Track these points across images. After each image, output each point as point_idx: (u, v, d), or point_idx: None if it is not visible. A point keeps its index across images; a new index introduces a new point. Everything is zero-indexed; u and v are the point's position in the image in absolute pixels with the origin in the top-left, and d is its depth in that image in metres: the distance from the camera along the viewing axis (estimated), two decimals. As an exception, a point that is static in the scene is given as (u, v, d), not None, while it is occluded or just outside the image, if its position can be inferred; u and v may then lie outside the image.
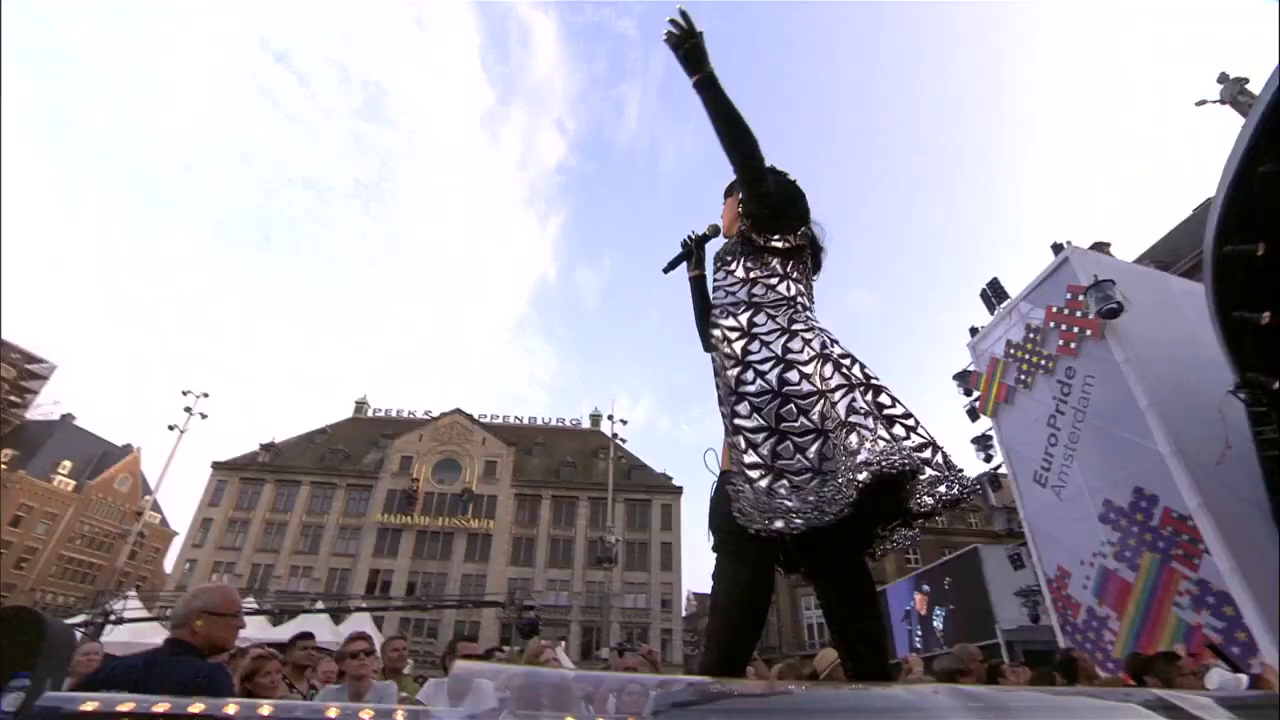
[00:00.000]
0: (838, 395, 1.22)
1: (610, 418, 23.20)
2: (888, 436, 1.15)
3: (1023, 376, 10.93)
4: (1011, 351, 11.10)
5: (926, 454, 1.17)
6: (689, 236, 1.74)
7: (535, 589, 31.79)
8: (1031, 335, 10.81)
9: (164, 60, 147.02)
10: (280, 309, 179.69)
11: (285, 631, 9.60)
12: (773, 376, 1.28)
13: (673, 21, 1.34)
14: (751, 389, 1.27)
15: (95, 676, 1.50)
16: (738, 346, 1.38)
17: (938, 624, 15.95)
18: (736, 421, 1.28)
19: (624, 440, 23.64)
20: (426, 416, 39.56)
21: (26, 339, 48.06)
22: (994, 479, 11.82)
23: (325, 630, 10.32)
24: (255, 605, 12.93)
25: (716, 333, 1.45)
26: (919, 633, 16.83)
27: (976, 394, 11.63)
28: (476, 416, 39.33)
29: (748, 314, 1.43)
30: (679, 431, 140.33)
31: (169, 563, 42.63)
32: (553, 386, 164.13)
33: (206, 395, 21.53)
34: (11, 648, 0.78)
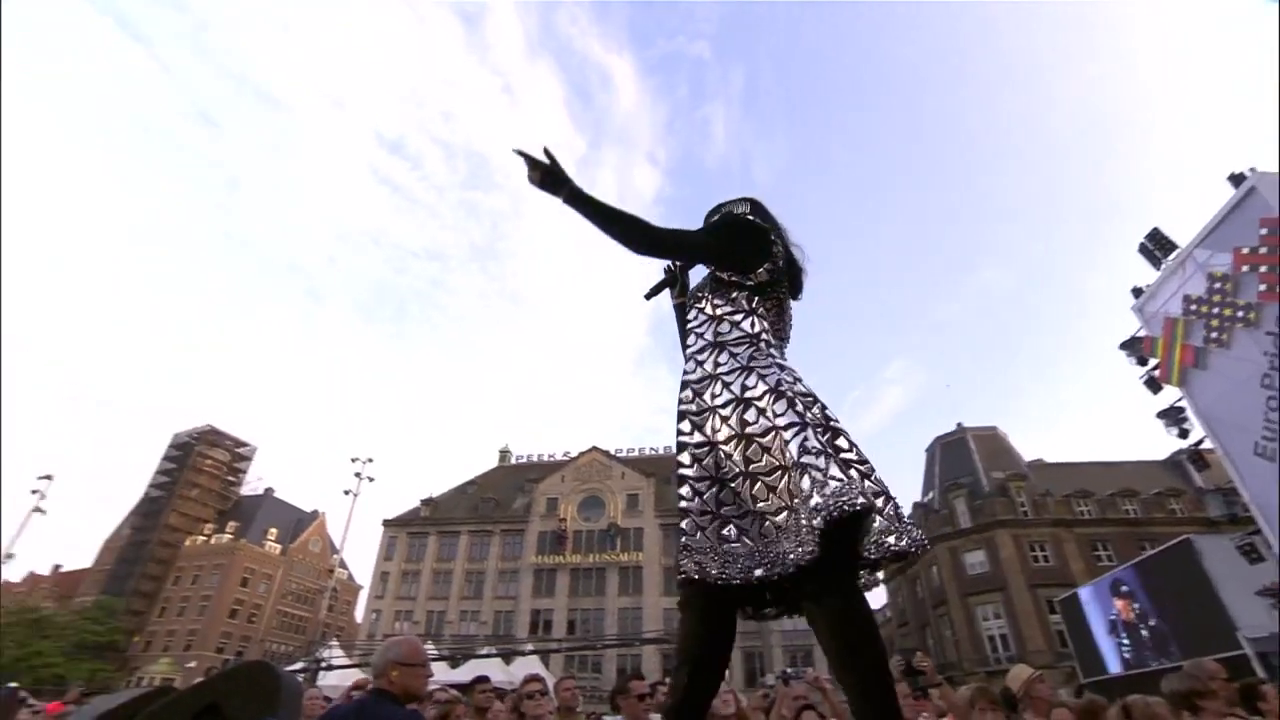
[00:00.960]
0: (789, 434, 1.22)
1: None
2: (841, 477, 1.15)
3: (1215, 334, 10.43)
4: (1193, 308, 10.65)
5: (879, 502, 1.17)
6: (672, 264, 1.77)
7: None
8: (1217, 285, 10.33)
9: (304, 169, 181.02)
10: (423, 371, 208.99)
11: (460, 674, 11.04)
12: (733, 419, 1.31)
13: (525, 157, 1.39)
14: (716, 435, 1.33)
15: None
16: (706, 396, 1.40)
17: (1145, 633, 14.54)
18: (681, 472, 1.35)
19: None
20: (566, 457, 43.66)
21: (233, 427, 60.98)
22: (1196, 456, 11.06)
23: (497, 671, 11.63)
24: (434, 650, 14.31)
25: (686, 394, 1.46)
26: (1127, 643, 15.35)
27: (1154, 361, 11.19)
28: (613, 452, 42.71)
29: (712, 356, 1.46)
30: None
31: (359, 613, 50.84)
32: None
33: (371, 460, 25.51)
34: (256, 695, 0.98)
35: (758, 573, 1.17)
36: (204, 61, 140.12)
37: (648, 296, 1.76)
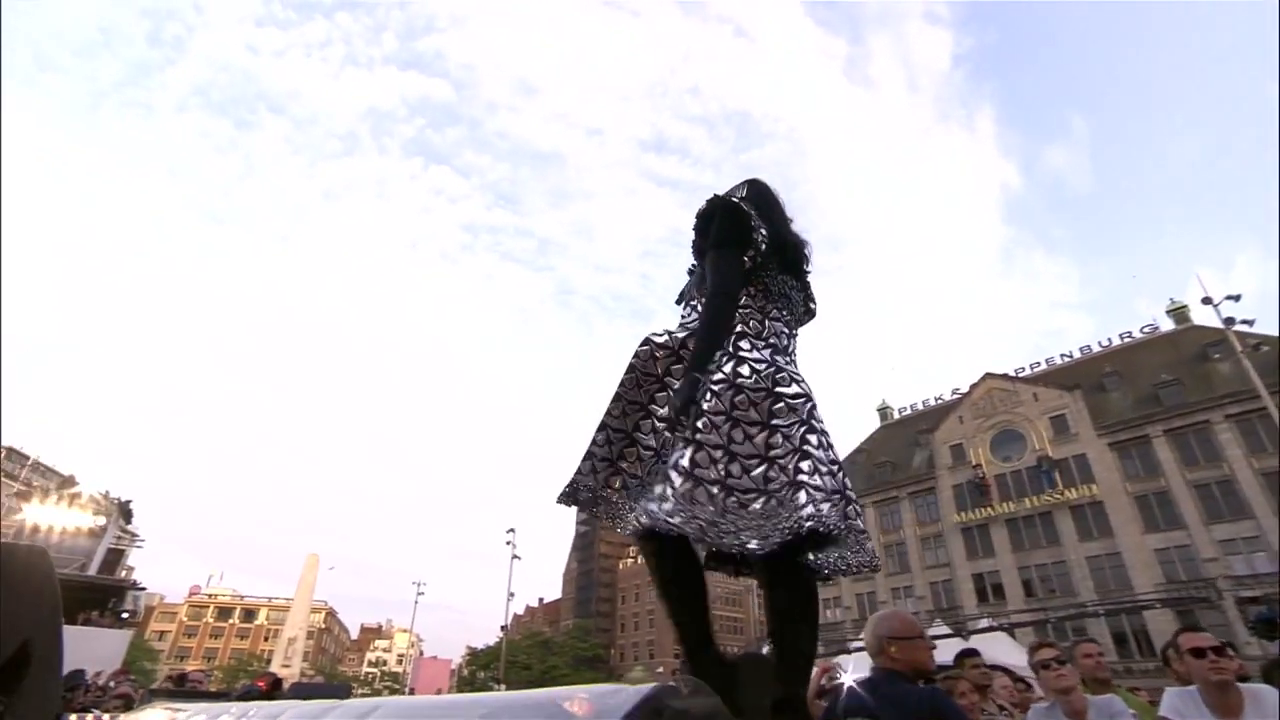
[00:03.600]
0: (764, 433, 1.62)
1: (1207, 301, 19.90)
2: (805, 498, 1.51)
3: None
4: None
5: (832, 514, 1.50)
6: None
7: (1204, 556, 31.38)
8: None
9: (592, 207, 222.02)
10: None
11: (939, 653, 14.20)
12: (726, 399, 1.66)
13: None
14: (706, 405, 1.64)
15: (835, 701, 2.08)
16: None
17: None
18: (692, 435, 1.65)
19: (1247, 321, 19.33)
20: (956, 396, 45.47)
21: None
22: None
23: (953, 646, 12.20)
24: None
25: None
26: None
27: None
28: (1013, 373, 42.89)
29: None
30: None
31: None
32: (1089, 301, 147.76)
33: None
34: (758, 684, 1.37)
35: (728, 540, 1.52)
36: (496, 158, 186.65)
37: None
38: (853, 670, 2.56)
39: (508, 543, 37.14)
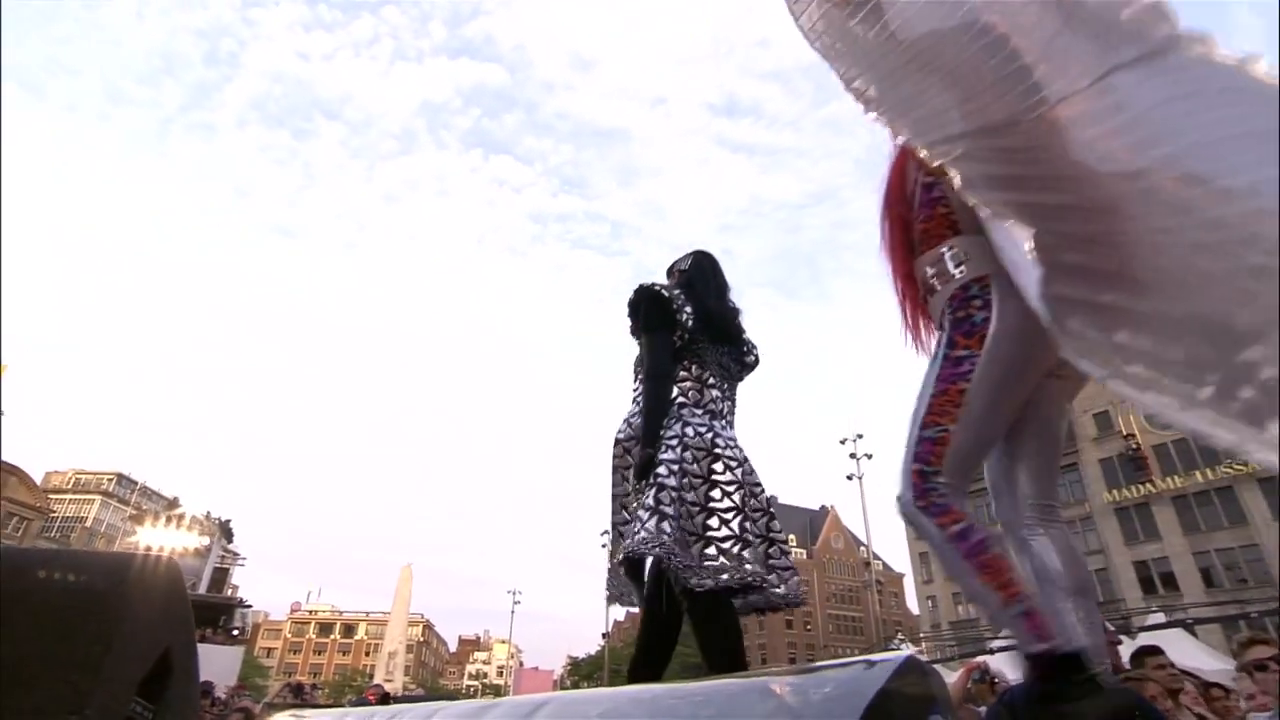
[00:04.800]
0: (652, 492, 2.06)
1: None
2: (652, 529, 1.96)
3: None
4: None
5: (667, 546, 1.93)
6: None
7: None
8: None
9: (666, 183, 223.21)
10: (864, 323, 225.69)
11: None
12: (677, 452, 2.13)
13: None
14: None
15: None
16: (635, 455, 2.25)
17: None
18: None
19: None
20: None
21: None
22: None
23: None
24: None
25: (617, 450, 2.39)
26: None
27: None
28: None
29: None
30: None
31: (910, 602, 59.70)
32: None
33: (861, 436, 29.06)
34: (914, 698, 1.53)
35: (681, 573, 1.98)
36: (558, 140, 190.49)
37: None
38: (1009, 670, 2.44)
39: (603, 545, 37.45)
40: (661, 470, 2.09)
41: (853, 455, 28.96)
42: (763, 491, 2.36)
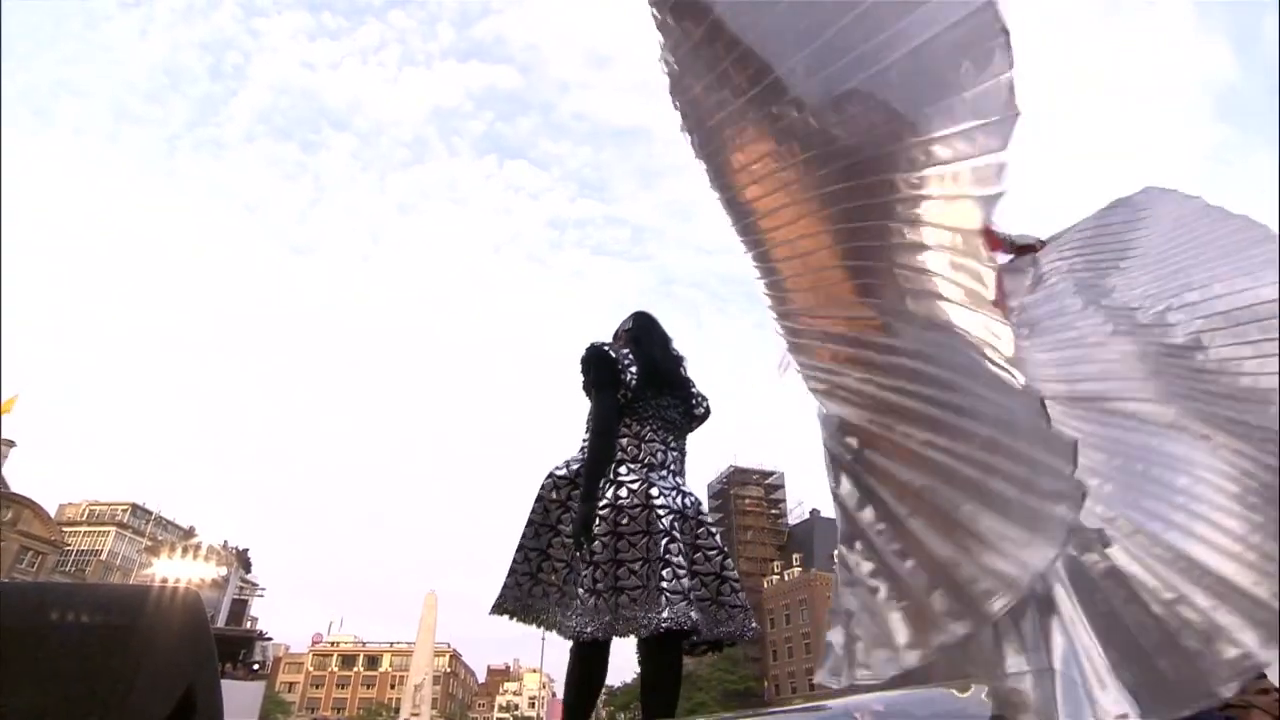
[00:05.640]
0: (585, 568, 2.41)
1: None
2: (587, 607, 2.32)
3: None
4: None
5: (692, 612, 2.26)
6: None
7: None
8: None
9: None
10: None
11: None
12: (610, 520, 2.45)
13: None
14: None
15: None
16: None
17: None
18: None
19: None
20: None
21: (756, 459, 79.54)
22: None
23: None
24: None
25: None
26: None
27: None
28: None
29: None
30: None
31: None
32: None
33: None
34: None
35: (627, 629, 2.33)
36: (575, 142, 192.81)
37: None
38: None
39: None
40: (596, 546, 2.41)
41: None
42: (716, 533, 2.69)
